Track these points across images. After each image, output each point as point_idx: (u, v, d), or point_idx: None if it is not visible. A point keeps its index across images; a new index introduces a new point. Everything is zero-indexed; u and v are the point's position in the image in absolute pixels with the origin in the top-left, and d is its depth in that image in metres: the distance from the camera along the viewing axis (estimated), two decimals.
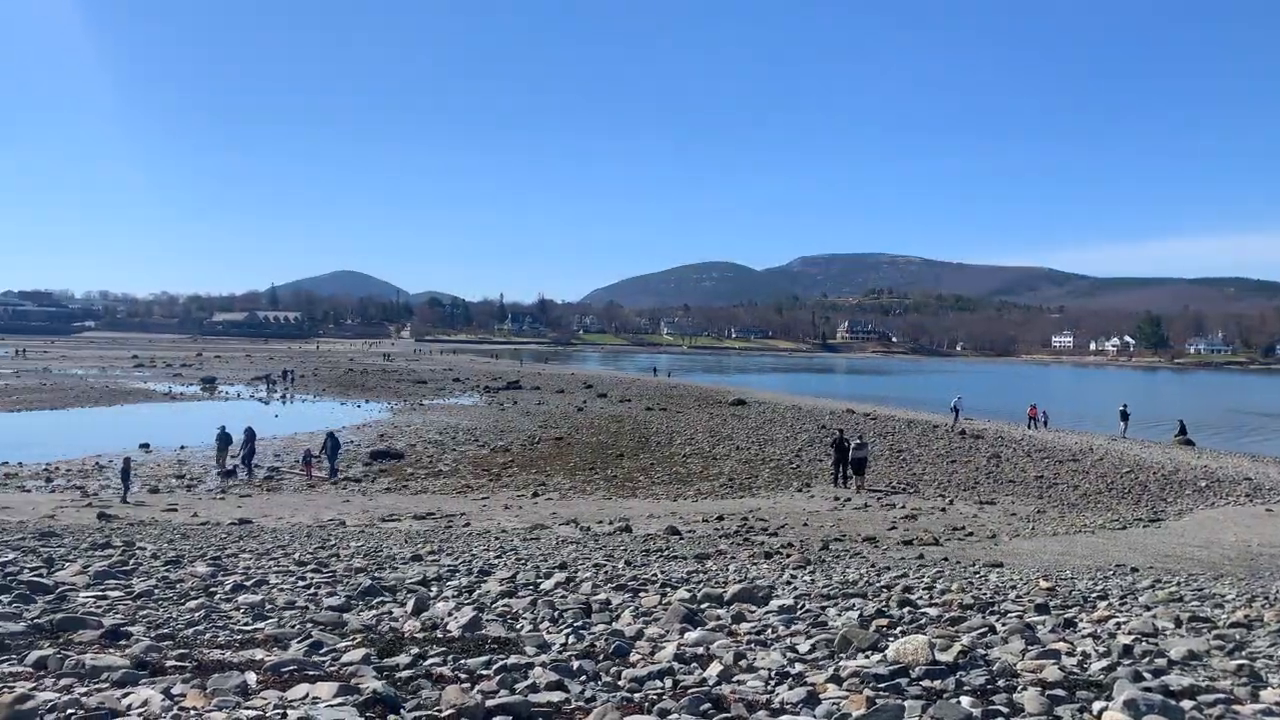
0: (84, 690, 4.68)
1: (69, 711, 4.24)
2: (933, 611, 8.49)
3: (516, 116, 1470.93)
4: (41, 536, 13.62)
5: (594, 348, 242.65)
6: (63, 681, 4.89)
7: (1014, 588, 11.15)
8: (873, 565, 13.75)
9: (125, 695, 4.57)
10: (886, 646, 6.09)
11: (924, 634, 6.61)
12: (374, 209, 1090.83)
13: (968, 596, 9.70)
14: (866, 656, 6.04)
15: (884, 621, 7.68)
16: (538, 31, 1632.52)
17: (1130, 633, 7.23)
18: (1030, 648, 6.41)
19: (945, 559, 15.15)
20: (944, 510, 22.95)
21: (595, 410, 50.39)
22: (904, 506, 23.30)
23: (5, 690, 4.57)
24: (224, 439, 28.55)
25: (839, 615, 8.22)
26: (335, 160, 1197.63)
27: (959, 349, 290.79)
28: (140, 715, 4.24)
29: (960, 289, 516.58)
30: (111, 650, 5.81)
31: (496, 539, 16.39)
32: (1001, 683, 5.28)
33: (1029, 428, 43.11)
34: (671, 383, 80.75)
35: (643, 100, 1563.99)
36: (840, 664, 5.76)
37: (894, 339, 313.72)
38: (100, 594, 8.40)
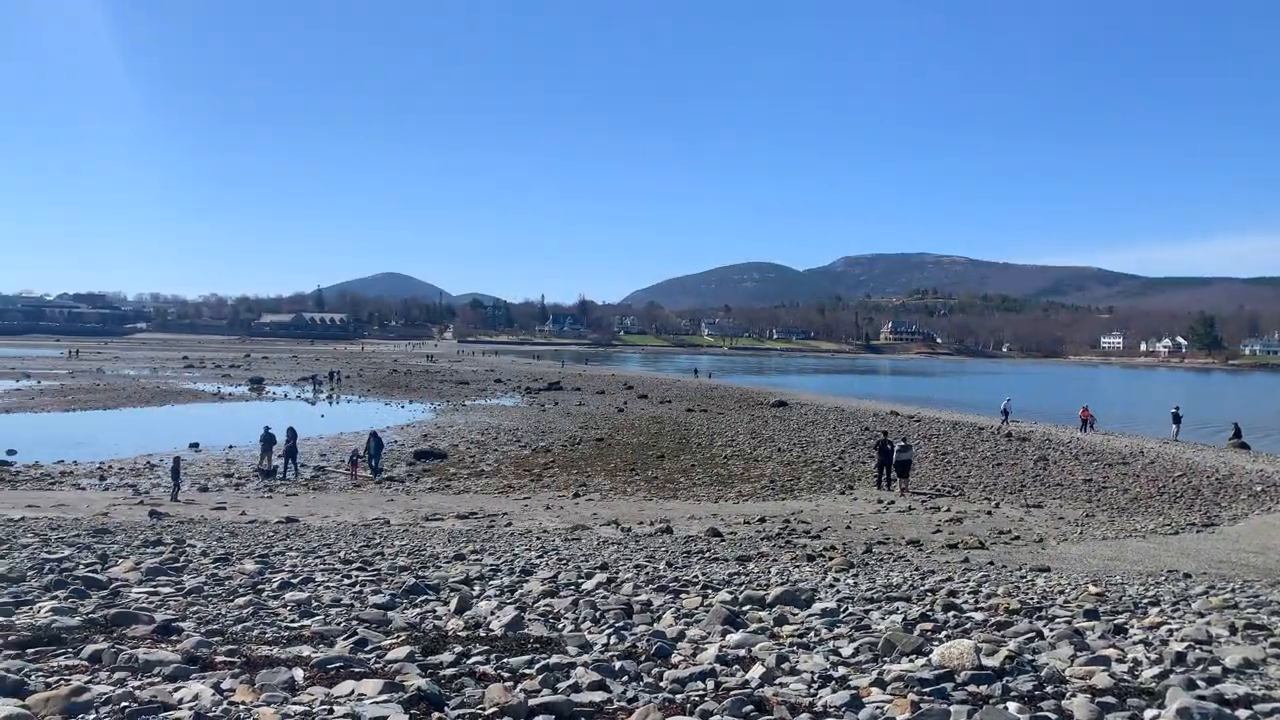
0: (137, 684, 4.78)
1: (123, 704, 4.34)
2: (978, 616, 8.37)
3: (558, 118, 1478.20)
4: (96, 533, 13.95)
5: (634, 349, 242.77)
6: (116, 675, 5.00)
7: (1062, 593, 10.96)
8: (916, 569, 13.61)
9: (177, 689, 4.66)
10: (931, 651, 6.02)
11: (969, 639, 6.53)
12: (418, 212, 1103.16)
13: (1014, 601, 9.55)
14: (911, 660, 5.97)
15: (928, 625, 7.59)
16: (579, 30, 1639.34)
17: (1183, 640, 7.07)
18: (1079, 654, 6.29)
19: (991, 563, 14.95)
20: (989, 514, 22.64)
21: (636, 411, 50.43)
22: (948, 509, 23.02)
23: (62, 683, 4.69)
24: (268, 439, 28.96)
25: (882, 619, 8.14)
26: (380, 164, 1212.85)
27: (1005, 350, 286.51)
28: (191, 709, 4.31)
29: (1006, 289, 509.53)
30: (163, 645, 5.93)
31: (538, 539, 16.47)
32: (1050, 689, 5.19)
33: (1081, 430, 42.27)
34: (712, 384, 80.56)
35: (683, 100, 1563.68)
36: (884, 668, 5.70)
37: (939, 340, 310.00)
38: (152, 590, 8.57)
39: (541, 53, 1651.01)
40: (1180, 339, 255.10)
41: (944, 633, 7.37)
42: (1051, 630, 7.45)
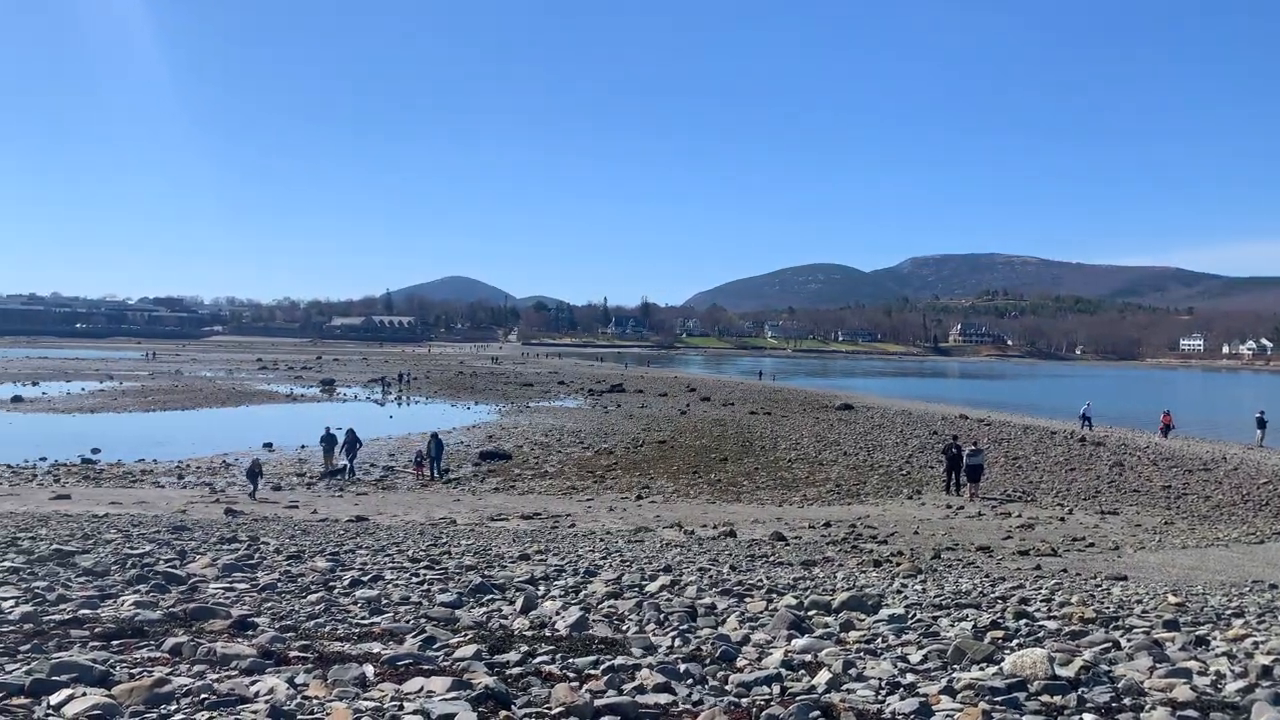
0: (215, 677, 4.92)
1: (202, 696, 4.47)
2: (1051, 625, 8.18)
3: (620, 120, 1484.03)
4: (174, 530, 14.40)
5: (697, 351, 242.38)
6: (196, 668, 5.15)
7: (1139, 602, 10.65)
8: (987, 575, 13.34)
9: (253, 683, 4.79)
10: (1003, 659, 5.89)
11: (1042, 647, 6.38)
12: (483, 216, 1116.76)
13: (1089, 610, 9.30)
14: (981, 669, 5.85)
15: (999, 633, 7.44)
16: (644, 31, 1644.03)
17: (1270, 653, 6.80)
18: (1159, 665, 6.10)
19: (1064, 570, 14.59)
20: (1062, 520, 22.08)
21: (698, 414, 50.34)
22: (1020, 515, 22.51)
23: (145, 674, 4.85)
24: (329, 440, 29.42)
25: (952, 626, 8.00)
26: (448, 169, 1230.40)
27: (1078, 353, 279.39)
28: (267, 702, 4.42)
29: (1080, 290, 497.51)
30: (239, 639, 6.10)
31: (601, 540, 16.53)
32: (1128, 701, 5.04)
33: (1163, 435, 40.87)
34: (776, 386, 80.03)
35: (746, 101, 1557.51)
36: (954, 675, 5.60)
37: (1009, 342, 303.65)
38: (228, 586, 8.81)
39: (605, 52, 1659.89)
40: (1265, 341, 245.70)
41: (1016, 641, 7.22)
42: (1129, 641, 7.24)
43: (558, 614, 7.90)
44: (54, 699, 4.31)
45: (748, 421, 46.31)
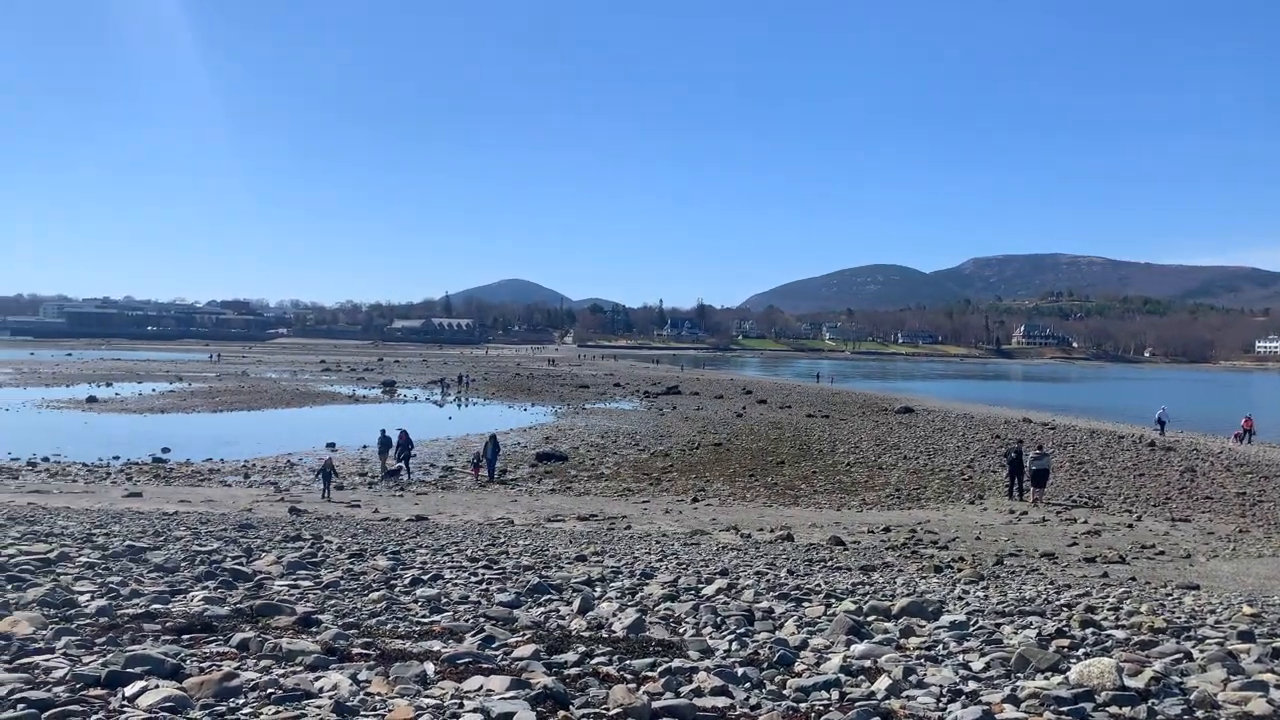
0: (281, 671, 5.03)
1: (269, 690, 4.57)
2: (1119, 634, 7.96)
3: (677, 122, 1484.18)
4: (241, 528, 14.75)
5: (753, 353, 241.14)
6: (262, 663, 5.27)
7: (1213, 612, 10.32)
8: (1051, 583, 13.06)
9: (317, 678, 4.89)
10: (1068, 668, 5.76)
11: (1110, 657, 6.22)
12: (540, 219, 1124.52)
13: (1159, 620, 9.04)
14: (1046, 678, 5.73)
15: (1065, 642, 7.28)
16: (693, 34, 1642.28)
17: None
18: (1233, 678, 5.90)
19: (1133, 579, 14.21)
20: (1130, 527, 21.51)
21: (755, 416, 50.09)
22: (1085, 521, 21.98)
23: (214, 668, 4.98)
24: (384, 442, 29.63)
25: (1015, 633, 7.84)
26: (505, 173, 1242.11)
27: (1147, 355, 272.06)
28: (331, 698, 4.51)
29: (1149, 290, 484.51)
30: (304, 636, 6.22)
31: (657, 542, 16.53)
32: (1200, 714, 4.90)
33: (1243, 441, 39.47)
34: (834, 389, 79.29)
35: (800, 101, 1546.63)
36: (1018, 684, 5.49)
37: (1074, 344, 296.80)
38: (292, 583, 9.00)
39: (661, 54, 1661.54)
40: None
41: (1082, 650, 7.05)
42: (1201, 652, 7.02)
43: (614, 615, 7.93)
44: (128, 690, 4.45)
45: (805, 424, 45.94)
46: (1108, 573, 14.89)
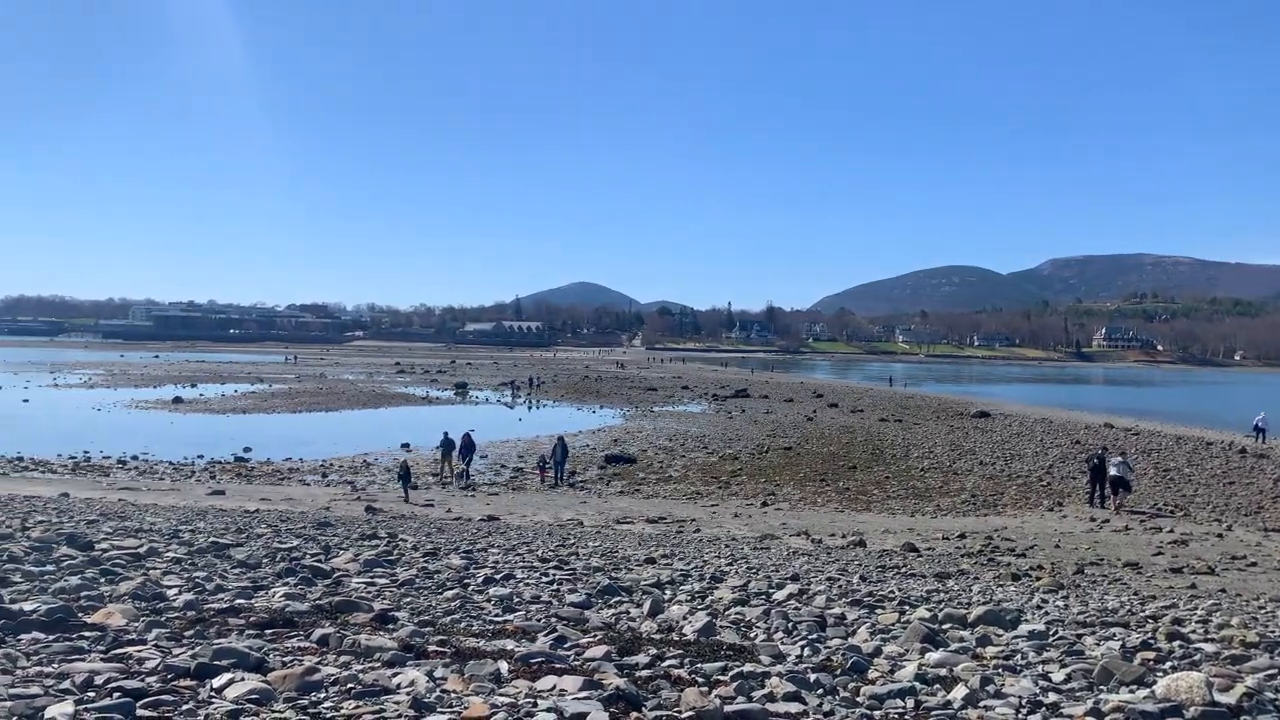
0: (360, 667, 5.15)
1: (349, 686, 4.68)
2: (1209, 648, 7.68)
3: (744, 125, 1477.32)
4: (319, 526, 15.11)
5: (823, 356, 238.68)
6: (342, 658, 5.40)
7: None
8: (1135, 593, 12.65)
9: (395, 675, 4.99)
10: (1154, 682, 5.58)
11: (1199, 671, 6.01)
12: (609, 222, 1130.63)
13: (1252, 634, 8.69)
14: (1131, 691, 5.56)
15: (1150, 655, 7.05)
16: (757, 33, 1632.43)
17: None
18: None
19: (1223, 590, 13.67)
20: (1220, 536, 20.70)
21: (826, 420, 49.55)
22: (1171, 530, 21.23)
23: (296, 663, 5.11)
24: (446, 444, 29.65)
25: (1097, 645, 7.61)
26: (574, 177, 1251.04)
27: (1237, 358, 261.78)
28: (408, 694, 4.60)
29: (1239, 291, 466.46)
30: (381, 633, 6.35)
31: (727, 546, 16.46)
32: None
33: None
34: (907, 393, 77.99)
35: (874, 99, 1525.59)
36: (1101, 697, 5.34)
37: (1159, 347, 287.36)
38: (369, 581, 9.19)
39: (732, 54, 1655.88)
40: None
41: (1168, 663, 6.82)
42: None
43: (685, 618, 7.92)
44: (216, 682, 4.60)
45: (878, 429, 45.30)
46: (1195, 584, 14.36)
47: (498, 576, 10.00)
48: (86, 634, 5.63)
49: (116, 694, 4.29)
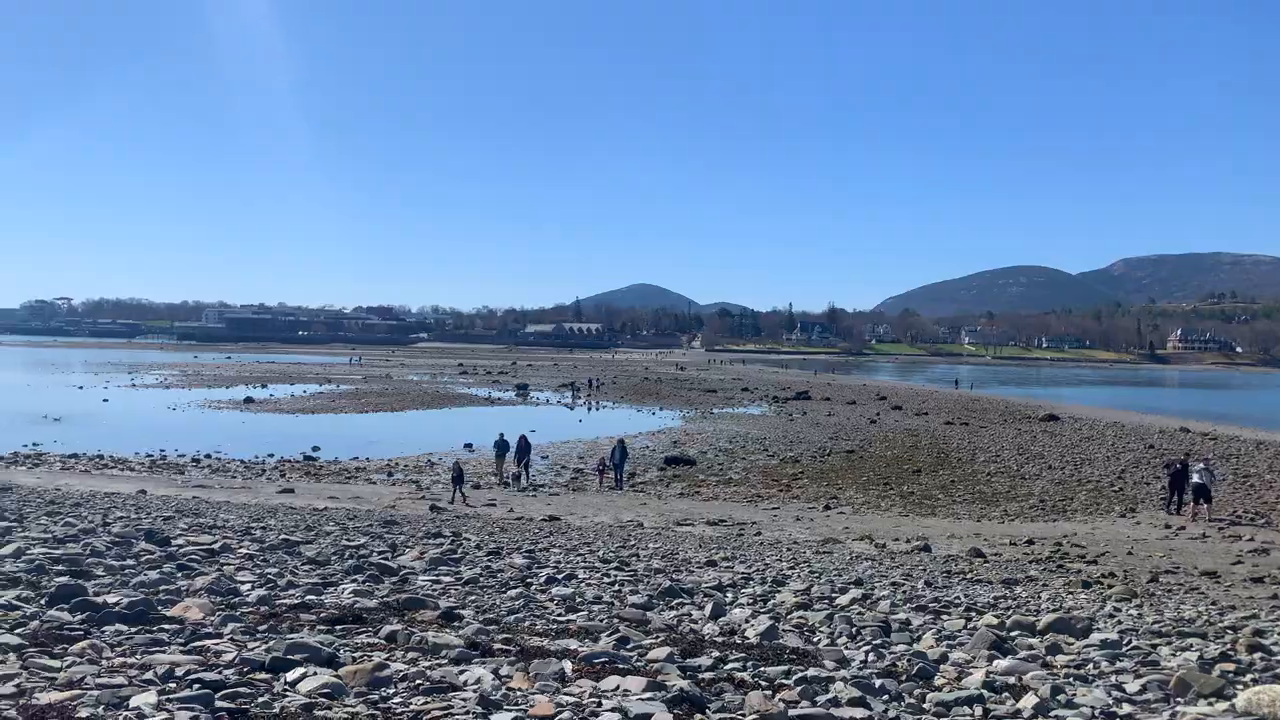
0: (427, 664, 5.24)
1: (417, 682, 4.77)
2: None
3: (805, 124, 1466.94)
4: (385, 524, 15.39)
5: (887, 358, 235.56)
6: (410, 654, 5.50)
7: None
8: (1213, 603, 12.25)
9: (461, 672, 5.07)
10: (1235, 695, 5.40)
11: None
12: (669, 224, 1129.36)
13: None
14: (1210, 704, 5.39)
15: (1229, 666, 6.82)
16: (827, 30, 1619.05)
17: None
18: None
19: None
20: None
21: (889, 423, 48.91)
22: (1252, 539, 20.50)
23: (365, 658, 5.22)
24: (501, 446, 29.47)
25: (1174, 655, 7.40)
26: (635, 179, 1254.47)
27: None
28: (475, 691, 4.67)
29: None
30: (447, 630, 6.45)
31: (788, 550, 16.36)
32: None
33: None
34: (973, 395, 76.58)
35: (940, 100, 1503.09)
36: (1177, 710, 5.20)
37: (1238, 349, 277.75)
38: (434, 579, 9.34)
39: (790, 52, 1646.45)
40: None
41: (1250, 676, 6.59)
42: None
43: (747, 622, 7.89)
44: (290, 676, 4.72)
45: (943, 432, 44.58)
46: (1277, 594, 13.86)
47: (560, 576, 10.08)
48: (166, 626, 5.82)
49: (196, 685, 4.43)
